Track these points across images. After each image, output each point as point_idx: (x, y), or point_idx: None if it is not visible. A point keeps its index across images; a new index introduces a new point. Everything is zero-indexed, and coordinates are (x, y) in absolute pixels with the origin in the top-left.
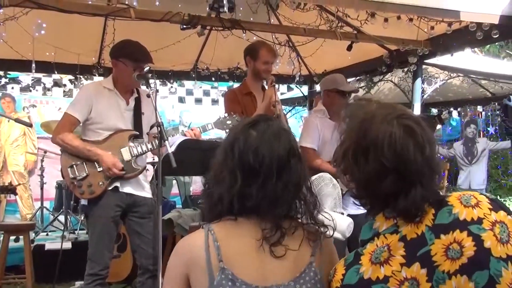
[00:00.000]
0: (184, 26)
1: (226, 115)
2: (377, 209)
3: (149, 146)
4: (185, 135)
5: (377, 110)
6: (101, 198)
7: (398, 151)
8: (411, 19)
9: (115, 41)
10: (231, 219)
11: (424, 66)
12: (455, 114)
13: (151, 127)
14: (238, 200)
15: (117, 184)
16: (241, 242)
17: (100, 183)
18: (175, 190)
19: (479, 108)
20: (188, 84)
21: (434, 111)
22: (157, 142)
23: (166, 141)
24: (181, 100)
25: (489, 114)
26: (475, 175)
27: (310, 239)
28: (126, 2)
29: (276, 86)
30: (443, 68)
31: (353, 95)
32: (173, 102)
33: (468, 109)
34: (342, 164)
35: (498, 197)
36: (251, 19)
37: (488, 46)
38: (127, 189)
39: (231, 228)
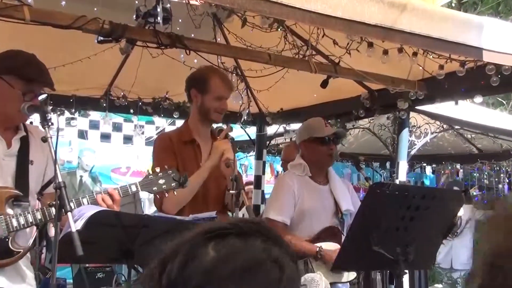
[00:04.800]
0: (102, 38)
1: (158, 170)
2: None
3: (38, 216)
4: (96, 202)
5: None
6: None
7: None
8: (415, 53)
9: None
10: None
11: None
12: (429, 170)
13: (45, 186)
14: None
15: None
16: None
17: None
18: None
19: (458, 166)
20: (94, 114)
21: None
22: (53, 212)
23: (69, 213)
24: (82, 135)
25: (475, 174)
26: (458, 252)
27: None
28: None
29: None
30: (433, 117)
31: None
32: (71, 137)
33: (449, 167)
34: None
35: None
36: (192, 35)
37: None
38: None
39: None
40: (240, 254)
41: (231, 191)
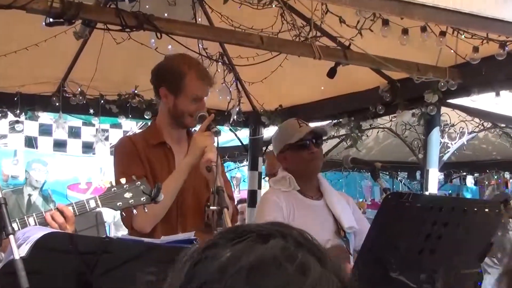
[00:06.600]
0: (52, 20)
1: (124, 182)
2: None
3: None
4: (45, 223)
5: None
6: None
7: None
8: (443, 33)
9: None
10: None
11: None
12: (470, 181)
13: None
14: None
15: None
16: None
17: None
18: None
19: (507, 175)
20: (45, 117)
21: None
22: None
23: (11, 236)
24: (31, 143)
25: None
26: None
27: None
28: None
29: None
30: (471, 112)
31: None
32: (16, 146)
33: (495, 176)
34: None
35: None
36: (166, 14)
37: None
38: None
39: None
40: (256, 251)
41: (211, 207)
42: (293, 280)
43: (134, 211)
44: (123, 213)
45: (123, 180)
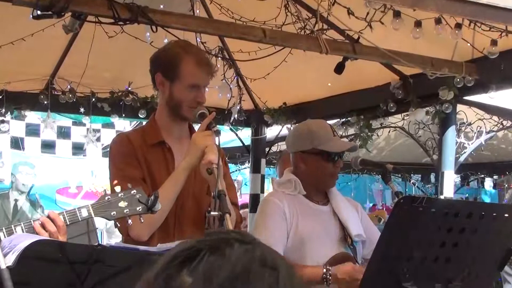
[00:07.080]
0: (40, 13)
1: (119, 190)
2: None
3: None
4: (34, 230)
5: None
6: None
7: None
8: (458, 25)
9: None
10: None
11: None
12: (489, 184)
13: None
14: None
15: None
16: None
17: None
18: None
19: None
20: (32, 116)
21: None
22: None
23: None
24: (17, 144)
25: None
26: None
27: None
28: None
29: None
30: (489, 110)
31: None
32: (1, 148)
33: None
34: None
35: None
36: (161, 6)
37: None
38: None
39: None
40: (222, 266)
41: (212, 213)
42: (271, 278)
43: (129, 221)
44: (117, 223)
45: (117, 188)
